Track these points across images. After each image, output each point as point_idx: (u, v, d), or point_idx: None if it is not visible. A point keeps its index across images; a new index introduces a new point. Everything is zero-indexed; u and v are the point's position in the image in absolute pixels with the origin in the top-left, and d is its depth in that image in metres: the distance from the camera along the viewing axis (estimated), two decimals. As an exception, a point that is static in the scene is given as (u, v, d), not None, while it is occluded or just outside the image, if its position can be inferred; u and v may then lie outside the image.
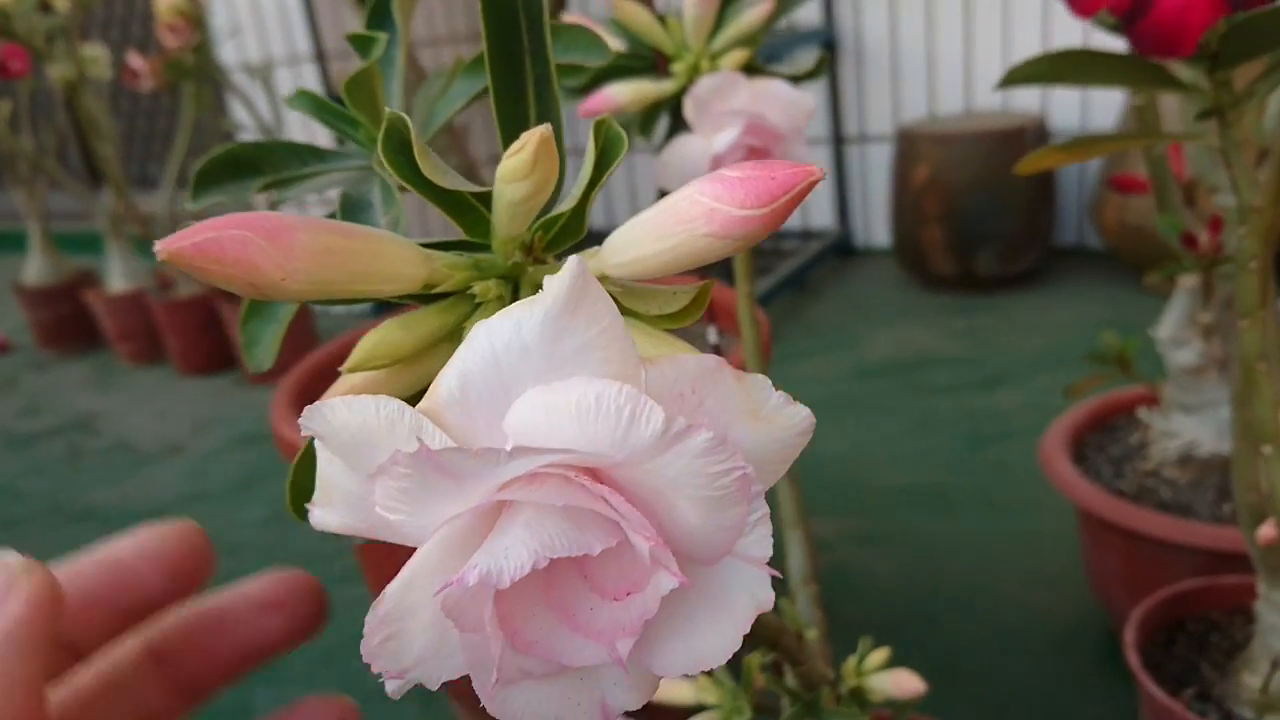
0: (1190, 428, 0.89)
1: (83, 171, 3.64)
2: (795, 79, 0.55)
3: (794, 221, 2.47)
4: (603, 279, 0.23)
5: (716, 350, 0.62)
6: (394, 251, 0.21)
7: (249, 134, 2.25)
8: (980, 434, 1.46)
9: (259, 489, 1.60)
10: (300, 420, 0.17)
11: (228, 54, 2.39)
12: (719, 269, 1.37)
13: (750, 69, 0.55)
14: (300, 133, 2.34)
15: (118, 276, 2.26)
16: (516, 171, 0.20)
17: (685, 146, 0.50)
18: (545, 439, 0.17)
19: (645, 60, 0.56)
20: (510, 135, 0.24)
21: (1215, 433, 0.88)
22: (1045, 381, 1.61)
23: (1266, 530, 0.58)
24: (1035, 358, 1.70)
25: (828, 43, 2.25)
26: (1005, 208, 1.95)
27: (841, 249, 2.41)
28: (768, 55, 2.14)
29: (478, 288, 0.22)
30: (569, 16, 0.60)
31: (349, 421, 0.17)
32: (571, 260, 0.17)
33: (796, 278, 2.15)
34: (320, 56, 2.21)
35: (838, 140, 2.35)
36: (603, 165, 0.22)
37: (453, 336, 0.23)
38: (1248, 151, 0.44)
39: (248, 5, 2.31)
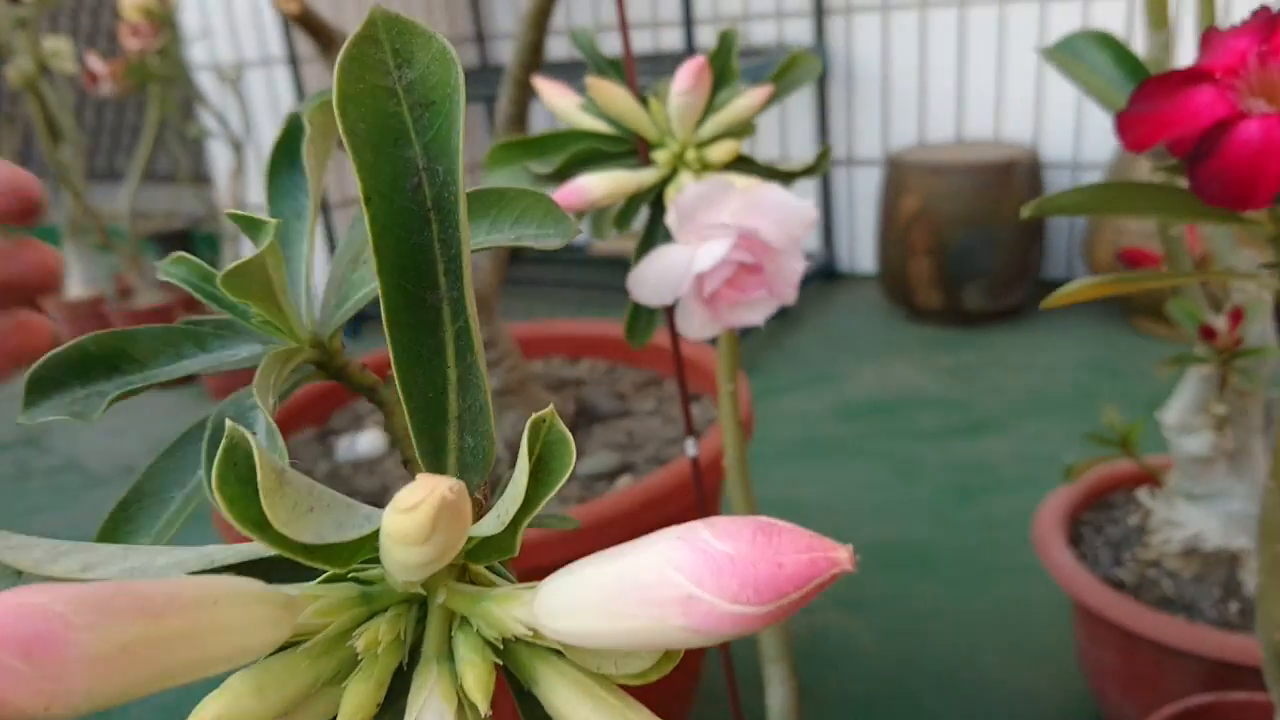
0: (1195, 518, 0.84)
1: (47, 164, 3.53)
2: (791, 176, 0.48)
3: (778, 243, 2.41)
4: (533, 631, 0.16)
5: (695, 463, 0.55)
6: (234, 619, 0.15)
7: (218, 140, 2.17)
8: (966, 486, 1.41)
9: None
10: None
11: (198, 54, 2.30)
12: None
13: (741, 160, 0.49)
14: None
15: (76, 281, 2.18)
16: (409, 536, 0.14)
17: (665, 258, 0.44)
18: None
19: (624, 143, 0.50)
20: (421, 415, 0.17)
21: (1222, 525, 0.83)
22: (1033, 428, 1.56)
23: (1296, 682, 0.52)
24: (1023, 402, 1.65)
25: (818, 63, 2.19)
26: (995, 242, 1.90)
27: (825, 273, 2.36)
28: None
29: (361, 640, 0.16)
30: (543, 83, 0.53)
31: None
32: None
33: (779, 304, 2.09)
34: (293, 59, 2.13)
35: (825, 163, 2.29)
36: (545, 481, 0.16)
37: (334, 681, 0.17)
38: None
39: (220, 5, 2.23)
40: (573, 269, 2.50)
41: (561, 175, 0.49)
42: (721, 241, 0.42)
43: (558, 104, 0.52)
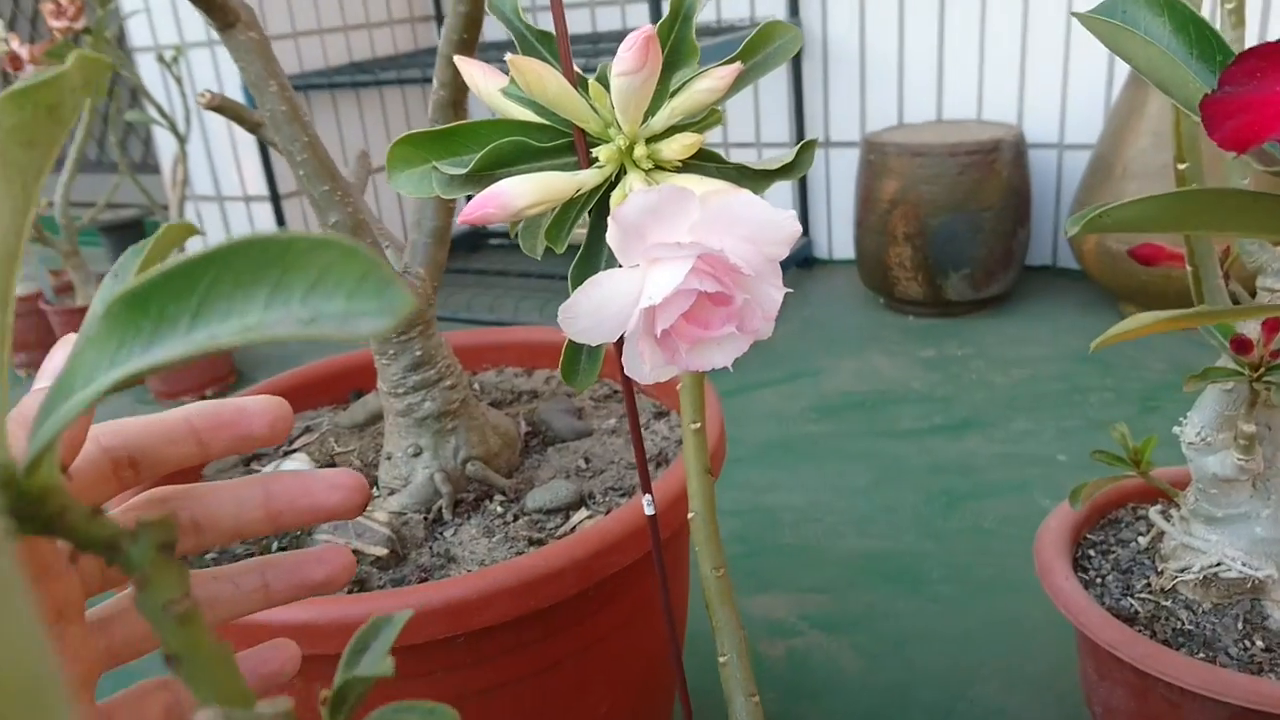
0: (1215, 543, 0.75)
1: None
2: (767, 177, 0.39)
3: (752, 229, 2.32)
4: None
5: (653, 520, 0.46)
6: None
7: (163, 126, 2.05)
8: (953, 491, 1.32)
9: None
10: None
11: (138, 36, 2.17)
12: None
13: (704, 157, 0.40)
14: (221, 131, 2.14)
15: (11, 278, 2.05)
16: None
17: (606, 287, 0.34)
18: None
19: (560, 136, 0.41)
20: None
21: (1245, 550, 0.74)
22: (1021, 426, 1.48)
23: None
24: (1009, 397, 1.57)
25: (792, 41, 2.09)
26: (978, 228, 1.82)
27: (803, 260, 2.27)
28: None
29: None
30: (465, 62, 0.44)
31: None
32: None
33: (754, 294, 2.00)
34: (237, 41, 2.00)
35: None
36: None
37: None
38: None
39: (159, -19, 2.10)
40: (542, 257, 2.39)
41: (479, 177, 0.39)
42: (677, 265, 0.33)
43: (482, 87, 0.43)
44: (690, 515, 0.49)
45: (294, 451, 0.85)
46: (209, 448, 0.33)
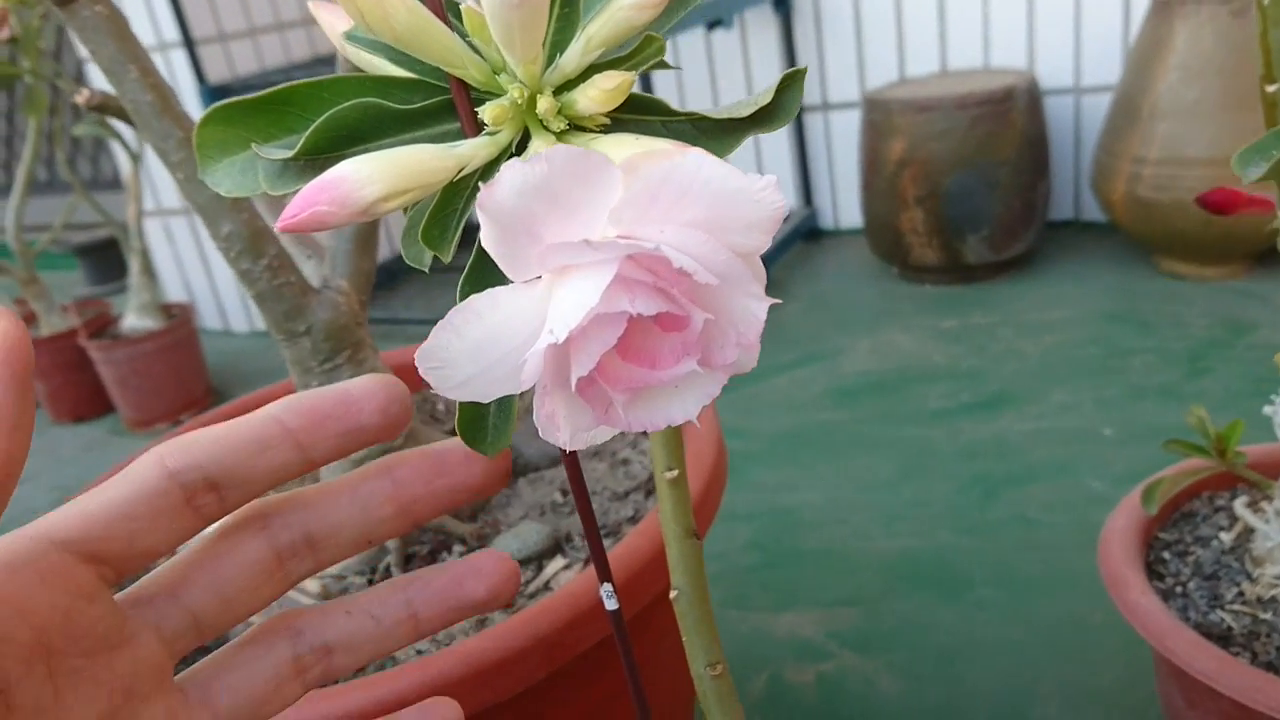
0: (1323, 542, 0.63)
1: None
2: (737, 128, 0.26)
3: (752, 203, 2.18)
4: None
5: (617, 614, 0.34)
6: None
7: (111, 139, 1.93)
8: (989, 477, 1.20)
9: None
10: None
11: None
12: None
13: (643, 106, 0.27)
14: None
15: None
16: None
17: (491, 317, 0.22)
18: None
19: (435, 92, 0.28)
20: None
21: (1359, 549, 0.62)
22: (1058, 399, 1.35)
23: None
24: (1041, 366, 1.44)
25: (780, -2, 1.96)
26: (994, 184, 1.68)
27: (808, 233, 2.13)
28: (712, 19, 1.84)
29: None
30: (319, 7, 0.31)
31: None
32: None
33: (758, 272, 1.87)
34: (189, 41, 1.88)
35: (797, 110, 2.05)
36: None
37: None
38: None
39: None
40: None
41: (321, 161, 0.27)
42: (591, 276, 0.20)
43: (337, 32, 0.30)
44: (672, 594, 0.37)
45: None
46: (311, 451, 0.27)
